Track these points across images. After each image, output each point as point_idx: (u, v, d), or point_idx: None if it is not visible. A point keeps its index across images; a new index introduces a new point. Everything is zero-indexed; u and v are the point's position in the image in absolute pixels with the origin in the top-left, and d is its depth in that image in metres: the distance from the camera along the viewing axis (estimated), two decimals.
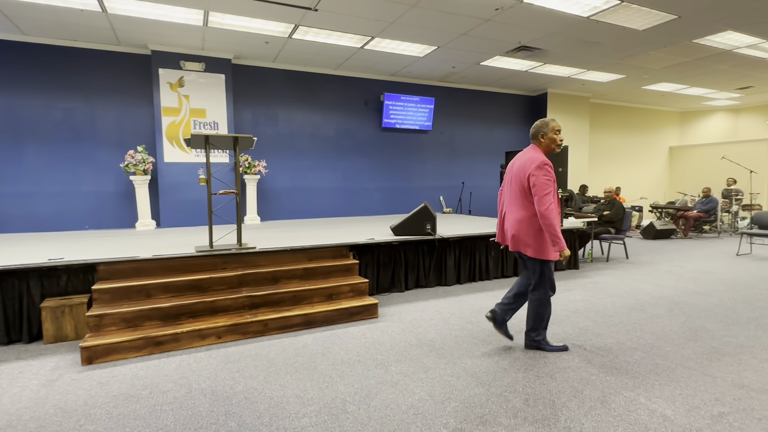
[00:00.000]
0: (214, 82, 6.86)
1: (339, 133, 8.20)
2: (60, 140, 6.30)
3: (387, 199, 8.69)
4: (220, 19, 5.55)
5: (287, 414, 2.26)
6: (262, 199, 7.52)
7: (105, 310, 3.20)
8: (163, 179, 6.63)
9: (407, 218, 4.87)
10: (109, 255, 3.73)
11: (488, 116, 9.70)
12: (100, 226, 6.53)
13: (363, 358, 2.96)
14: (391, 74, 8.37)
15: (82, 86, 6.37)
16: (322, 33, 6.10)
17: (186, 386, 2.59)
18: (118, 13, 5.30)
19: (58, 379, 2.71)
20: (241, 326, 3.37)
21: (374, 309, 3.88)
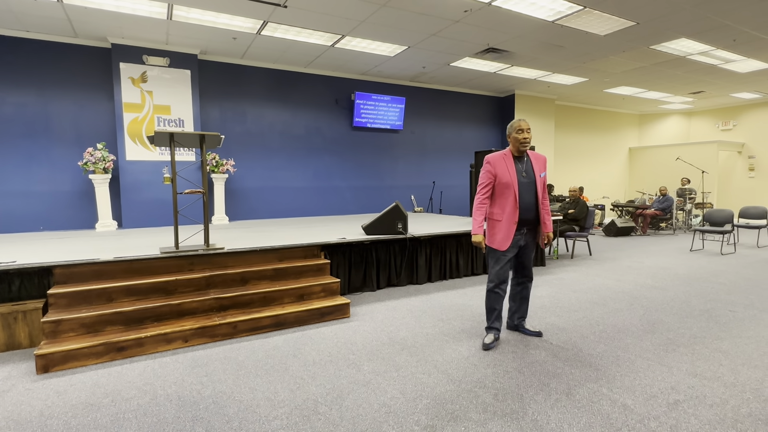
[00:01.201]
0: (179, 78, 6.64)
1: (310, 131, 8.11)
2: (11, 136, 5.94)
3: (358, 198, 8.68)
4: (185, 13, 5.39)
5: (257, 417, 2.22)
6: (231, 198, 7.35)
7: (62, 316, 3.05)
8: (124, 178, 6.36)
9: (378, 217, 4.87)
10: (66, 257, 3.55)
11: (458, 116, 9.85)
12: (57, 228, 6.21)
13: (335, 359, 2.95)
14: (362, 73, 8.36)
15: (35, 80, 6.03)
16: (292, 30, 6.03)
17: (151, 392, 2.51)
18: (75, 4, 5.05)
19: (10, 390, 2.56)
20: (209, 329, 3.29)
21: (346, 309, 3.87)
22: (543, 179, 3.08)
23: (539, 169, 3.07)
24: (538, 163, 3.08)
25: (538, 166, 3.08)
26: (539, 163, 3.09)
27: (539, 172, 3.06)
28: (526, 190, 3.01)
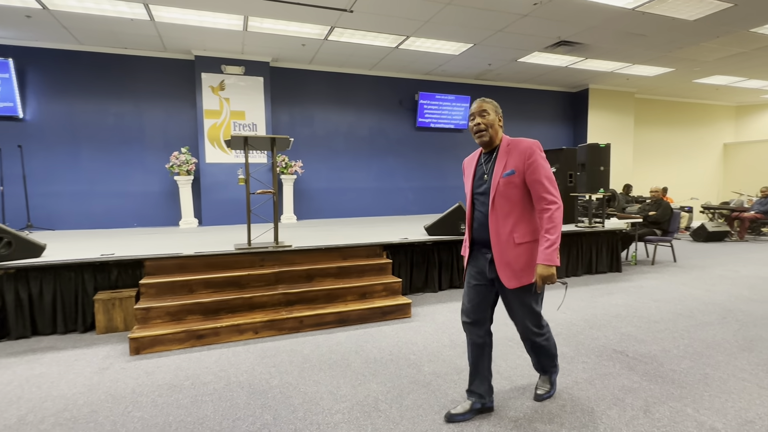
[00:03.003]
0: (253, 85, 7.07)
1: (373, 132, 8.24)
2: (112, 143, 6.68)
3: (421, 199, 8.66)
4: (259, 23, 5.72)
5: (321, 410, 2.30)
6: (299, 198, 7.68)
7: (151, 304, 3.37)
8: (204, 179, 6.90)
9: (441, 218, 4.83)
10: (155, 251, 3.92)
11: (526, 114, 9.47)
12: (147, 224, 6.88)
13: (395, 357, 2.97)
14: (426, 73, 8.33)
15: (131, 92, 6.73)
16: (357, 34, 6.16)
17: (225, 379, 2.69)
18: (165, 21, 5.57)
19: (108, 368, 2.88)
20: (277, 322, 3.46)
21: (407, 309, 3.88)
22: (511, 180, 1.98)
23: (511, 163, 1.99)
24: (510, 156, 2.01)
25: (510, 160, 2.00)
26: (514, 155, 2.00)
27: (506, 168, 2.00)
28: (481, 199, 2.09)
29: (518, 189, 1.99)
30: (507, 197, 1.99)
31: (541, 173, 1.96)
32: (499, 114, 2.10)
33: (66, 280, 3.59)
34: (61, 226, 6.45)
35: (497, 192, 2.00)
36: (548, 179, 1.97)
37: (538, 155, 1.98)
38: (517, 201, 2.00)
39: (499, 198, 2.01)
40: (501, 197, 2.00)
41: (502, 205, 2.01)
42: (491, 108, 2.07)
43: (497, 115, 2.09)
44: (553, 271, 1.92)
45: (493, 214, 2.02)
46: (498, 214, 2.01)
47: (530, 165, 1.97)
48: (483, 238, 2.08)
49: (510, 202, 2.00)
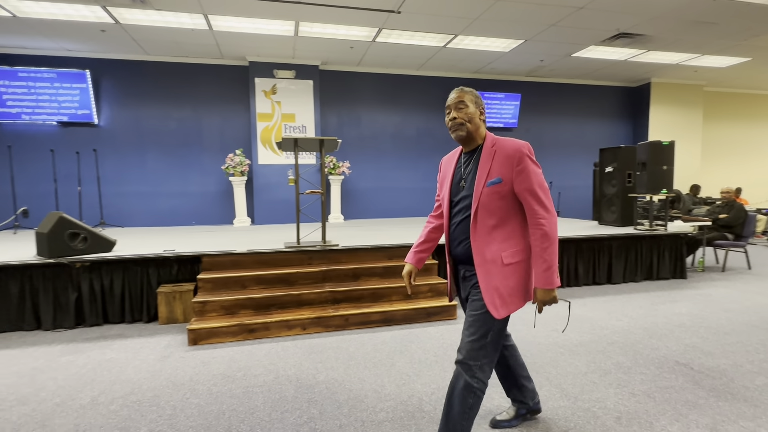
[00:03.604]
0: (303, 88, 7.28)
1: (420, 133, 8.22)
2: (174, 146, 7.13)
3: None
4: (309, 28, 5.88)
5: (365, 407, 2.33)
6: (346, 198, 7.81)
7: (207, 298, 3.56)
8: (257, 180, 7.19)
9: None
10: (211, 248, 4.14)
11: (580, 111, 9.06)
12: (204, 222, 7.28)
13: (440, 359, 2.94)
14: (474, 71, 8.19)
15: (191, 97, 7.15)
16: (405, 34, 6.17)
17: (274, 372, 2.79)
18: (222, 30, 5.86)
19: (169, 356, 3.07)
20: (324, 319, 3.54)
21: (453, 310, 3.83)
22: (497, 190, 1.65)
23: (497, 170, 1.67)
24: (495, 160, 1.68)
25: (495, 165, 1.68)
26: (499, 160, 1.67)
27: (490, 175, 1.67)
28: (460, 208, 1.76)
29: (506, 200, 1.66)
30: (492, 210, 1.67)
31: (532, 181, 1.64)
32: (480, 106, 1.77)
33: (133, 273, 3.88)
34: (130, 224, 6.97)
35: (480, 203, 1.67)
36: (541, 188, 1.65)
37: (529, 160, 1.66)
38: (505, 214, 1.67)
39: (482, 210, 1.67)
40: (485, 210, 1.67)
41: (487, 219, 1.67)
42: (470, 99, 1.75)
43: (478, 107, 1.76)
44: (554, 294, 1.65)
45: (476, 230, 1.69)
46: (482, 230, 1.68)
47: (520, 172, 1.64)
48: (463, 256, 1.77)
49: (496, 215, 1.67)
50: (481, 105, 1.78)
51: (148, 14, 5.32)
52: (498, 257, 1.67)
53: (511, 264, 1.68)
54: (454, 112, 1.76)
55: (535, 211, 1.65)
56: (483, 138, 1.77)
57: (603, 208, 6.03)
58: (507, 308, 1.68)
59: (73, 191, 6.71)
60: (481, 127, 1.77)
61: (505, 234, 1.68)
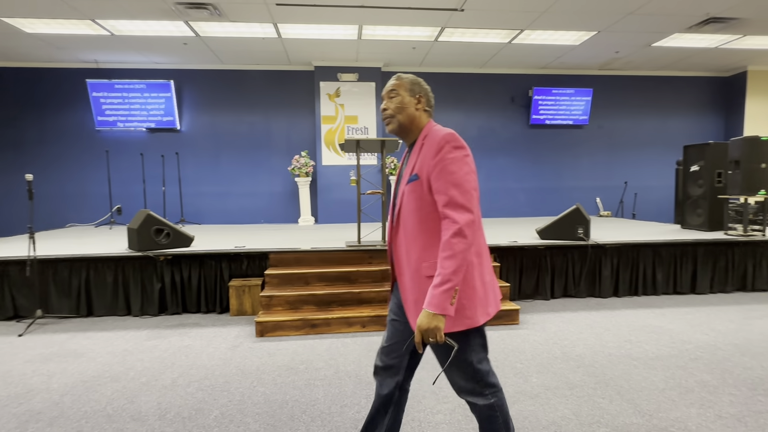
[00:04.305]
0: (365, 90, 7.41)
1: (483, 132, 8.03)
2: (245, 149, 7.59)
3: (533, 201, 8.19)
4: (372, 30, 5.97)
5: (423, 407, 2.32)
6: None
7: (273, 293, 3.75)
8: (321, 180, 7.44)
9: (556, 221, 4.51)
10: (277, 246, 4.35)
11: (661, 105, 8.34)
12: (272, 221, 7.66)
13: (501, 365, 2.86)
14: (542, 67, 7.85)
15: (261, 102, 7.56)
16: (468, 32, 6.06)
17: (334, 366, 2.87)
18: (290, 37, 6.14)
19: (239, 346, 3.27)
20: (383, 318, 3.58)
21: (515, 315, 3.70)
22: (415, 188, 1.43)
23: (419, 164, 1.44)
24: (422, 153, 1.45)
25: (419, 159, 1.45)
26: (424, 152, 1.44)
27: (413, 170, 1.45)
28: (392, 208, 1.57)
29: (426, 200, 1.41)
30: (412, 211, 1.43)
31: (446, 178, 1.35)
32: (417, 93, 1.52)
33: (208, 267, 4.18)
34: (205, 221, 7.52)
35: (402, 204, 1.47)
36: (456, 186, 1.34)
37: (449, 152, 1.37)
38: (428, 216, 1.41)
39: (404, 212, 1.46)
40: (406, 211, 1.45)
41: (408, 222, 1.44)
42: (404, 86, 1.51)
43: (414, 95, 1.52)
44: (439, 323, 1.28)
45: (398, 235, 1.49)
46: (403, 235, 1.47)
47: (435, 165, 1.37)
48: (392, 260, 1.58)
49: (417, 217, 1.42)
50: (419, 92, 1.53)
51: (224, 26, 5.70)
52: (419, 267, 1.41)
53: (432, 277, 1.35)
54: (385, 101, 1.54)
55: (444, 213, 1.34)
56: (421, 130, 1.53)
57: (687, 211, 5.52)
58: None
59: (158, 191, 7.37)
60: (418, 118, 1.52)
61: (428, 241, 1.40)
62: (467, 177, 1.36)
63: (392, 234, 1.51)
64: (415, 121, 1.52)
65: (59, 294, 4.05)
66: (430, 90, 1.59)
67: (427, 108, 1.55)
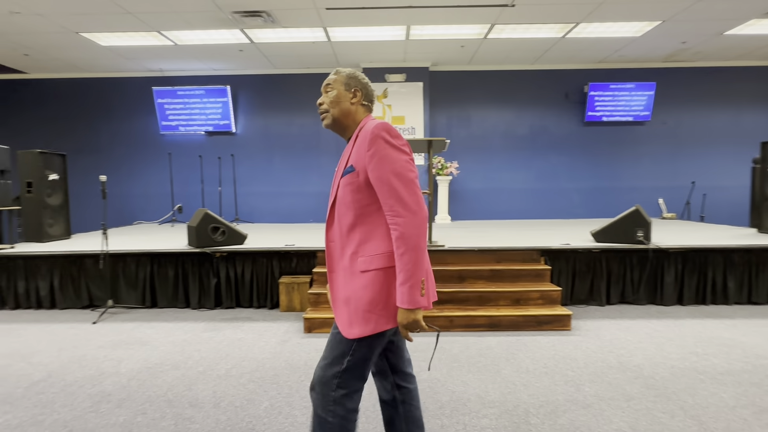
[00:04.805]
0: (413, 91, 7.41)
1: (534, 130, 7.77)
2: (296, 150, 7.82)
3: (588, 201, 7.81)
4: (420, 30, 5.96)
5: (467, 410, 2.29)
6: (453, 199, 7.74)
7: (321, 290, 3.83)
8: None
9: (613, 223, 4.28)
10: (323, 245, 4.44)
11: (733, 98, 7.67)
12: (320, 220, 7.83)
13: (551, 371, 2.75)
14: (598, 61, 7.47)
15: (311, 105, 7.76)
16: (519, 28, 5.89)
17: None
18: (339, 40, 6.26)
19: (288, 341, 3.38)
20: (429, 319, 3.56)
21: (566, 320, 3.55)
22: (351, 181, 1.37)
23: (354, 156, 1.39)
24: (356, 145, 1.40)
25: (353, 152, 1.40)
26: (357, 144, 1.39)
27: (350, 161, 1.40)
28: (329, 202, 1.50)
29: (362, 193, 1.36)
30: (348, 204, 1.38)
31: (385, 168, 1.31)
32: (354, 87, 1.48)
33: (260, 264, 4.35)
34: (258, 220, 7.84)
35: (337, 197, 1.42)
36: (398, 177, 1.30)
37: (383, 142, 1.32)
38: (364, 210, 1.36)
39: (339, 206, 1.41)
40: (341, 205, 1.40)
41: (344, 216, 1.39)
42: (340, 81, 1.48)
43: (350, 89, 1.47)
44: (416, 316, 1.29)
45: (332, 229, 1.44)
46: (338, 229, 1.42)
47: (371, 157, 1.32)
48: None
49: (352, 211, 1.37)
50: (355, 86, 1.48)
51: (277, 32, 5.91)
52: (354, 262, 1.36)
53: (369, 272, 1.33)
54: (322, 96, 1.50)
55: (390, 206, 1.30)
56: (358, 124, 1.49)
57: (765, 213, 5.04)
58: (361, 327, 1.33)
59: (215, 191, 7.78)
60: (354, 112, 1.48)
61: (364, 235, 1.36)
62: (407, 165, 1.34)
63: (327, 229, 1.46)
64: (350, 116, 1.48)
65: (127, 286, 4.38)
66: (370, 84, 1.53)
67: (365, 102, 1.50)
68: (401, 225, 1.28)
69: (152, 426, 2.18)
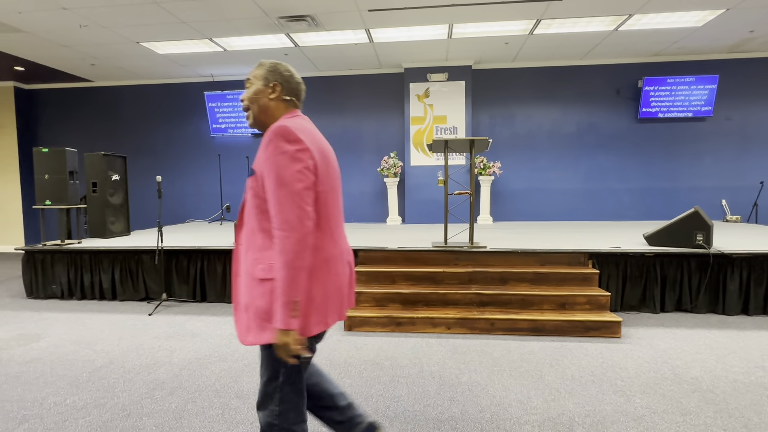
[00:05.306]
0: (455, 90, 7.32)
1: (582, 128, 7.46)
2: (338, 151, 7.95)
3: (640, 202, 7.40)
4: (463, 29, 5.88)
5: (509, 416, 2.23)
6: (496, 199, 7.58)
7: (361, 289, 3.88)
8: (408, 181, 7.51)
9: (668, 225, 4.04)
10: (365, 244, 4.49)
11: None
12: (361, 220, 7.92)
13: (598, 380, 2.63)
14: (654, 54, 7.06)
15: (353, 106, 7.86)
16: (567, 22, 5.68)
17: (418, 366, 2.89)
18: (381, 41, 6.29)
19: (329, 338, 3.45)
20: (469, 321, 3.51)
21: (616, 327, 3.38)
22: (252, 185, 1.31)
23: (256, 160, 1.32)
24: (259, 149, 1.32)
25: (258, 153, 1.33)
26: (260, 148, 1.31)
27: (255, 163, 1.32)
28: None
29: (262, 198, 1.29)
30: (253, 208, 1.32)
31: (272, 177, 1.23)
32: (272, 82, 1.38)
33: None
34: None
35: (245, 201, 1.37)
36: (283, 187, 1.22)
37: (276, 148, 1.24)
38: (264, 215, 1.30)
39: (247, 209, 1.36)
40: (248, 207, 1.34)
41: (249, 220, 1.34)
42: (259, 75, 1.39)
43: (268, 83, 1.38)
44: (286, 339, 1.21)
45: (240, 232, 1.40)
46: (244, 233, 1.37)
47: (265, 162, 1.25)
48: None
49: (255, 215, 1.31)
50: (274, 80, 1.39)
51: (320, 35, 6.04)
52: (255, 268, 1.30)
53: (266, 281, 1.27)
54: (244, 92, 1.42)
55: (274, 217, 1.23)
56: None
57: None
58: (257, 336, 1.28)
59: None
60: (273, 108, 1.39)
61: (264, 241, 1.29)
62: (297, 176, 1.23)
63: (237, 230, 1.41)
64: (269, 112, 1.39)
65: (180, 280, 4.63)
66: (294, 76, 1.42)
67: (286, 97, 1.40)
68: (280, 240, 1.21)
69: (201, 414, 2.30)
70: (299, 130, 1.28)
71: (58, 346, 3.32)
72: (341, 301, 1.41)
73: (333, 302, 1.37)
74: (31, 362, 3.00)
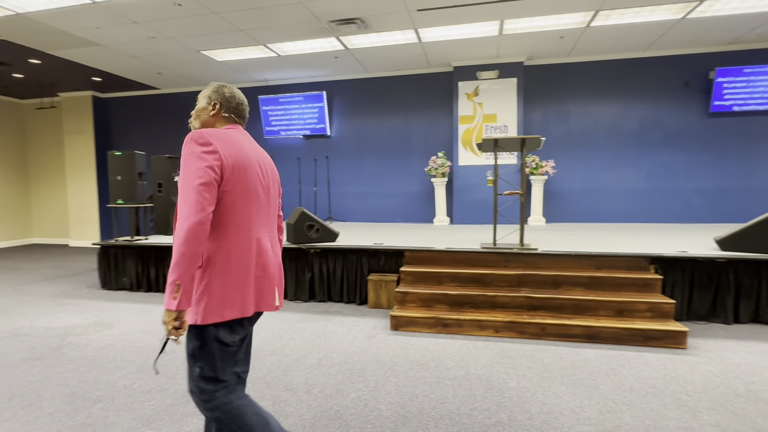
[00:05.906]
0: (506, 87, 7.13)
1: (645, 124, 7.00)
2: (385, 151, 8.00)
3: (711, 203, 6.83)
4: (514, 24, 5.71)
5: (559, 425, 2.14)
6: (549, 200, 7.29)
7: (408, 289, 3.88)
8: (457, 181, 7.41)
9: (746, 228, 3.70)
10: (413, 244, 4.49)
11: None
12: (408, 220, 7.92)
13: (660, 393, 2.46)
14: (728, 42, 6.49)
15: (401, 106, 7.87)
16: (629, 12, 5.36)
17: (465, 368, 2.84)
18: (430, 41, 6.26)
19: (375, 336, 3.48)
20: (518, 325, 3.41)
21: (681, 337, 3.15)
22: None
23: None
24: None
25: None
26: None
27: None
28: None
29: None
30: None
31: (181, 171, 1.42)
32: (213, 101, 1.60)
33: (350, 261, 4.53)
34: (349, 219, 8.16)
35: None
36: (186, 182, 1.37)
37: (186, 149, 1.42)
38: None
39: None
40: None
41: None
42: (204, 94, 1.62)
43: (210, 102, 1.60)
44: (166, 317, 1.32)
45: None
46: None
47: (181, 161, 1.45)
48: None
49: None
50: (215, 100, 1.60)
51: (369, 37, 6.10)
52: None
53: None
54: None
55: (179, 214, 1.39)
56: None
57: None
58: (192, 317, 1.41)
59: (310, 190, 8.28)
60: (212, 124, 1.61)
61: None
62: (198, 172, 1.36)
63: None
64: (207, 125, 1.61)
65: None
66: (235, 96, 1.63)
67: (225, 114, 1.61)
68: (176, 228, 1.36)
69: None
70: (214, 135, 1.44)
71: (128, 333, 3.60)
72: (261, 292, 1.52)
73: (239, 293, 1.46)
74: (105, 347, 3.28)
